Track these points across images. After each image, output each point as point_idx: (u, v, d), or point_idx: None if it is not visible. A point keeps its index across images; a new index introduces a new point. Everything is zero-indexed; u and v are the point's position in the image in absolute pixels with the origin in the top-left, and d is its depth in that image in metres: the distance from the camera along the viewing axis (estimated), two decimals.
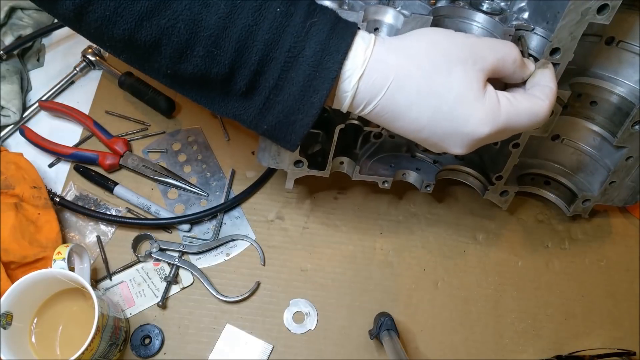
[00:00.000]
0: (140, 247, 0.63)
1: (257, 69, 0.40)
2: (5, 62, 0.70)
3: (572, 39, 0.46)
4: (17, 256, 0.55)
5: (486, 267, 0.65)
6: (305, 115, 0.41)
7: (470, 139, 0.42)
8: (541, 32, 0.47)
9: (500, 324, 0.62)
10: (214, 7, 0.38)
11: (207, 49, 0.39)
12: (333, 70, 0.40)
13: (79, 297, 0.54)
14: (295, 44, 0.39)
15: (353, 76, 0.40)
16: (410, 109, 0.41)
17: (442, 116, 0.41)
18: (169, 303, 0.60)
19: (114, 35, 0.39)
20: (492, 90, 0.42)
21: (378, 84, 0.41)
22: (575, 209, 0.64)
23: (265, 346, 0.58)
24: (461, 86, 0.40)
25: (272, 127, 0.43)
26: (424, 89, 0.40)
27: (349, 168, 0.59)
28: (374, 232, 0.66)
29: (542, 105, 0.43)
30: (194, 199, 0.66)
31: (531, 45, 0.48)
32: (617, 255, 0.67)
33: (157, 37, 0.39)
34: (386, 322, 0.56)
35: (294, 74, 0.40)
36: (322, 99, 0.40)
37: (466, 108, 0.41)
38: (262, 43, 0.39)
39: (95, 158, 0.65)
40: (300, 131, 0.42)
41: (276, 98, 0.41)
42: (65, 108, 0.69)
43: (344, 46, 0.40)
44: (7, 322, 0.49)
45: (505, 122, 0.42)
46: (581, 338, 0.62)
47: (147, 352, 0.57)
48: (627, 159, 0.58)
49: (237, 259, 0.63)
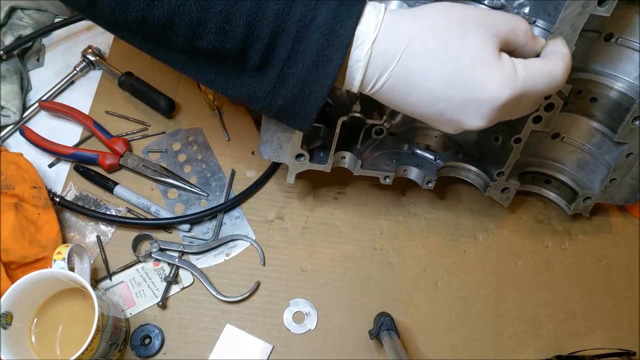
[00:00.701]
0: (140, 247, 0.63)
1: (269, 42, 0.40)
2: (5, 62, 0.70)
3: (573, 30, 0.46)
4: (17, 256, 0.55)
5: (486, 267, 0.65)
6: (320, 86, 0.41)
7: (489, 107, 0.41)
8: (542, 24, 0.47)
9: (500, 324, 0.62)
10: None
11: (219, 25, 0.39)
12: (346, 37, 0.39)
13: (79, 297, 0.53)
14: (307, 13, 0.39)
15: (366, 42, 0.40)
16: (425, 78, 0.40)
17: (459, 83, 0.40)
18: (169, 303, 0.60)
19: (128, 18, 0.40)
20: (507, 56, 0.41)
21: (391, 50, 0.40)
22: (576, 208, 0.64)
23: (265, 346, 0.58)
24: (477, 50, 0.39)
25: (286, 101, 0.42)
26: (439, 54, 0.39)
27: (351, 163, 0.59)
28: (374, 232, 0.66)
29: (558, 67, 0.42)
30: (194, 199, 0.66)
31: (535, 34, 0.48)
32: (617, 255, 0.67)
33: (170, 15, 0.39)
34: (386, 322, 0.56)
35: (306, 44, 0.40)
36: (336, 68, 0.40)
37: (483, 73, 0.39)
38: (272, 15, 0.39)
39: (95, 158, 0.65)
40: (316, 104, 0.42)
41: (290, 70, 0.41)
42: (65, 108, 0.69)
43: (355, 12, 0.39)
44: (7, 322, 0.49)
45: (523, 86, 0.40)
46: (581, 338, 0.62)
47: (147, 352, 0.57)
48: (628, 156, 0.58)
49: (237, 259, 0.63)
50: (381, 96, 0.43)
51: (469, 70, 0.39)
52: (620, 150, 0.58)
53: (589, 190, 0.62)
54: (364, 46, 0.40)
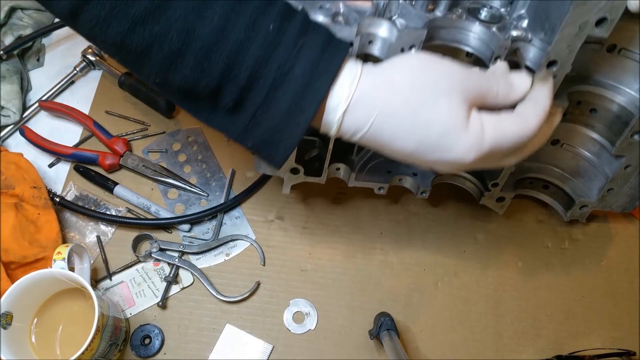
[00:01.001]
0: (140, 247, 0.63)
1: (245, 85, 0.40)
2: (5, 62, 0.70)
3: (569, 51, 0.45)
4: (17, 256, 0.55)
5: (486, 267, 0.65)
6: (290, 135, 0.41)
7: (456, 165, 0.43)
8: (539, 43, 0.46)
9: (500, 324, 0.62)
10: (208, 20, 0.38)
11: (197, 60, 0.39)
12: (321, 91, 0.40)
13: (79, 297, 0.53)
14: (286, 63, 0.39)
15: (338, 109, 0.41)
16: (395, 141, 0.42)
17: (427, 147, 0.42)
18: (169, 303, 0.60)
19: (107, 38, 0.40)
20: (477, 117, 0.42)
21: (363, 118, 0.41)
22: (572, 214, 0.64)
23: (265, 346, 0.58)
24: (445, 119, 0.41)
25: (257, 144, 0.43)
26: (408, 123, 0.41)
27: (345, 174, 0.60)
28: (374, 232, 0.66)
29: (529, 127, 0.43)
30: (194, 199, 0.66)
31: (528, 56, 0.47)
32: (617, 255, 0.67)
33: (149, 43, 0.39)
34: (386, 322, 0.56)
35: (281, 92, 0.40)
36: (307, 120, 0.40)
37: (451, 139, 0.41)
38: (252, 59, 0.39)
39: (95, 158, 0.65)
40: (285, 151, 0.42)
41: (262, 116, 0.41)
42: (65, 108, 0.69)
43: (333, 68, 0.40)
44: (7, 322, 0.49)
45: (491, 148, 0.42)
46: (581, 338, 0.62)
47: (147, 352, 0.57)
48: (626, 168, 0.57)
49: (237, 259, 0.63)
50: (359, 144, 0.44)
51: (437, 137, 0.41)
52: (619, 162, 0.57)
53: (586, 198, 0.62)
54: (336, 111, 0.41)
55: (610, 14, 0.42)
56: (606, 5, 0.42)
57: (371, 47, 0.47)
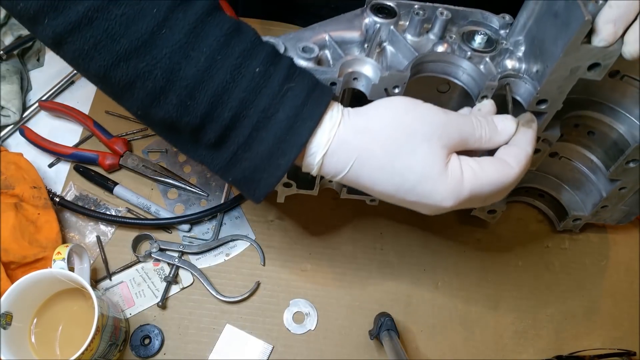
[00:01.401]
0: (140, 247, 0.63)
1: (229, 124, 0.40)
2: (5, 62, 0.70)
3: (560, 92, 0.45)
4: (17, 256, 0.55)
5: (486, 267, 0.65)
6: (270, 175, 0.42)
7: (435, 210, 0.43)
8: (530, 80, 0.46)
9: (500, 324, 0.62)
10: (194, 60, 0.39)
11: (181, 98, 0.39)
12: (303, 136, 0.40)
13: (78, 297, 0.53)
14: (270, 106, 0.40)
15: (318, 153, 0.41)
16: (375, 184, 0.42)
17: (406, 192, 0.42)
18: (168, 303, 0.60)
19: (89, 69, 0.40)
20: (456, 163, 0.42)
21: (342, 162, 0.42)
22: (565, 225, 0.64)
23: (265, 346, 0.58)
24: (424, 165, 0.41)
25: (237, 180, 0.43)
26: (387, 168, 0.41)
27: (338, 186, 0.61)
28: (374, 232, 0.66)
29: (509, 174, 0.43)
30: (193, 199, 0.66)
31: (519, 92, 0.47)
32: (617, 255, 0.67)
33: (132, 79, 0.39)
34: (386, 322, 0.56)
35: (264, 134, 0.40)
36: (288, 163, 0.41)
37: (429, 185, 0.41)
38: (237, 100, 0.39)
39: (95, 158, 0.65)
40: (264, 190, 0.43)
41: (244, 154, 0.41)
42: (65, 108, 0.69)
43: (316, 114, 0.40)
44: (7, 322, 0.49)
45: (469, 196, 0.42)
46: (581, 338, 0.62)
47: (147, 353, 0.57)
48: (621, 189, 0.57)
49: (237, 259, 0.63)
50: (341, 183, 0.45)
51: (415, 183, 0.41)
52: (614, 183, 0.57)
53: (580, 211, 0.62)
54: (316, 156, 0.42)
55: (603, 60, 0.42)
56: (600, 52, 0.41)
57: (356, 83, 0.47)
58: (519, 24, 0.47)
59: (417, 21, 0.48)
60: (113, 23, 0.37)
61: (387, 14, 0.49)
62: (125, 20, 0.37)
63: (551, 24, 0.42)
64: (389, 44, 0.49)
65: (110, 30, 0.37)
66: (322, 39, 0.48)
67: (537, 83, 0.45)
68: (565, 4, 0.40)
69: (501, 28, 0.49)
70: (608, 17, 0.39)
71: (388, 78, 0.45)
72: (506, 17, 0.49)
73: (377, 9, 0.49)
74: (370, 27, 0.49)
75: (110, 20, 0.37)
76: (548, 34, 0.43)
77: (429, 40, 0.49)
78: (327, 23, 0.49)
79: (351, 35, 0.49)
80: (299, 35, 0.48)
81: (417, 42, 0.49)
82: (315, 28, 0.49)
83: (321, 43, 0.48)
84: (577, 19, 0.39)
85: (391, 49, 0.49)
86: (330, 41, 0.48)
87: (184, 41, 0.38)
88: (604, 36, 0.39)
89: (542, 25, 0.44)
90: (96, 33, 0.37)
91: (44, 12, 0.37)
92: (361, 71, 0.46)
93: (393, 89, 0.46)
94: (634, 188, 0.57)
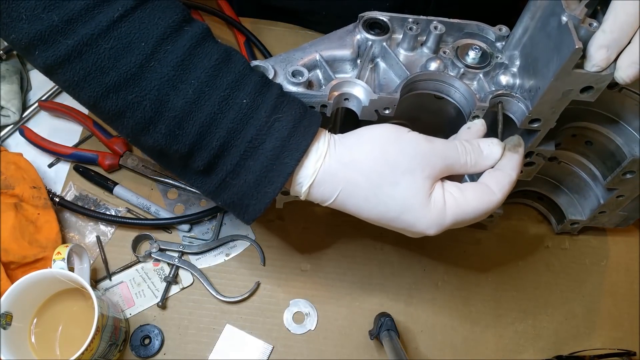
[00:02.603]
0: (140, 247, 0.63)
1: (217, 153, 0.41)
2: (5, 62, 0.70)
3: (552, 112, 0.45)
4: (16, 256, 0.55)
5: (486, 267, 0.65)
6: (258, 202, 0.43)
7: (420, 235, 0.44)
8: (522, 100, 0.45)
9: (500, 324, 0.62)
10: (182, 92, 0.39)
11: (170, 128, 0.40)
12: (290, 165, 0.41)
13: (78, 297, 0.53)
14: (257, 136, 0.41)
15: (304, 183, 0.43)
16: (360, 212, 0.44)
17: (390, 220, 0.43)
18: (168, 303, 0.60)
19: (80, 98, 0.41)
20: (439, 192, 0.42)
21: (328, 192, 0.43)
22: (563, 228, 0.64)
23: (265, 346, 0.58)
24: (406, 197, 0.42)
25: (226, 204, 0.44)
26: (371, 198, 0.42)
27: None
28: (374, 232, 0.65)
29: (491, 201, 0.43)
30: (193, 199, 0.66)
31: (511, 109, 0.47)
32: (617, 255, 0.67)
33: (122, 109, 0.40)
34: (386, 322, 0.56)
35: (251, 162, 0.41)
36: (275, 191, 0.42)
37: (411, 215, 0.42)
38: (225, 130, 0.40)
39: (95, 158, 0.65)
40: (253, 215, 0.44)
41: (232, 181, 0.42)
42: (65, 108, 0.68)
43: (303, 145, 0.41)
44: (6, 322, 0.49)
45: (452, 223, 0.43)
46: (581, 338, 0.62)
47: (147, 353, 0.57)
48: (618, 197, 0.57)
49: (237, 259, 0.63)
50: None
51: (398, 214, 0.42)
52: (612, 191, 0.57)
53: (578, 215, 0.62)
54: (302, 185, 0.43)
55: (596, 84, 0.41)
56: (592, 77, 0.40)
57: (347, 102, 0.47)
58: (514, 38, 0.47)
59: (410, 36, 0.48)
60: (102, 57, 0.38)
61: (380, 28, 0.49)
62: (114, 54, 0.38)
63: (544, 45, 0.42)
64: (381, 59, 0.49)
65: (100, 64, 0.38)
66: (312, 59, 0.48)
67: (530, 103, 0.44)
68: (558, 27, 0.39)
69: (497, 40, 0.49)
70: (601, 42, 0.38)
71: (378, 101, 0.45)
72: (503, 29, 0.49)
73: (369, 25, 0.49)
74: (363, 44, 0.49)
75: (99, 54, 0.38)
76: (541, 54, 0.43)
77: (422, 55, 0.49)
78: (318, 42, 0.49)
79: (342, 53, 0.49)
80: (289, 56, 0.48)
81: (411, 57, 0.49)
82: (305, 48, 0.49)
83: (312, 63, 0.48)
84: (568, 46, 0.38)
85: (384, 65, 0.49)
86: (321, 61, 0.48)
87: (172, 74, 0.39)
88: (597, 62, 0.39)
89: (536, 43, 0.44)
90: (86, 66, 0.38)
91: (34, 45, 0.38)
92: (352, 92, 0.46)
93: (384, 110, 0.46)
94: (632, 196, 0.57)
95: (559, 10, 0.39)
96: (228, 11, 0.76)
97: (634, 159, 0.51)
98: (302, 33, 0.77)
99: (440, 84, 0.48)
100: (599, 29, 0.38)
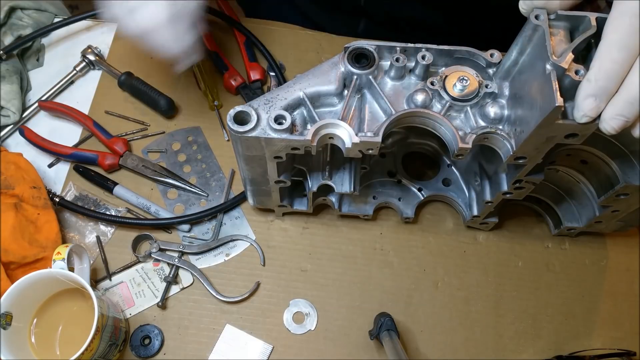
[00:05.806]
0: (140, 247, 0.63)
1: None
2: (5, 62, 0.70)
3: (537, 152, 0.44)
4: (16, 256, 0.55)
5: (486, 267, 0.65)
6: None
7: None
8: (507, 137, 0.45)
9: (500, 324, 0.62)
10: None
11: None
12: None
13: (78, 298, 0.53)
14: None
15: None
16: None
17: None
18: (168, 303, 0.60)
19: None
20: None
21: None
22: (560, 233, 0.64)
23: (265, 346, 0.58)
24: None
25: None
26: None
27: (332, 202, 0.62)
28: (374, 232, 0.66)
29: None
30: (193, 199, 0.66)
31: (498, 145, 0.47)
32: (617, 255, 0.67)
33: None
34: (386, 322, 0.56)
35: None
36: None
37: None
38: None
39: (95, 158, 0.65)
40: None
41: None
42: (64, 108, 0.68)
43: None
44: (6, 322, 0.49)
45: None
46: (581, 338, 0.62)
47: (147, 353, 0.57)
48: (613, 212, 0.57)
49: (237, 259, 0.63)
50: None
51: None
52: (607, 207, 0.57)
53: (575, 222, 0.62)
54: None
55: (580, 132, 0.41)
56: (576, 127, 0.40)
57: (332, 141, 0.48)
58: (504, 68, 0.46)
59: (396, 67, 0.48)
60: None
61: (366, 59, 0.48)
62: None
63: (531, 85, 0.41)
64: (368, 90, 0.49)
65: None
66: (297, 98, 0.48)
67: (514, 142, 0.44)
68: (542, 77, 0.39)
69: (488, 66, 0.48)
70: (588, 92, 0.37)
71: (361, 145, 0.45)
72: (494, 55, 0.47)
73: (355, 57, 0.48)
74: (348, 77, 0.49)
75: None
76: (526, 95, 0.42)
77: (410, 84, 0.49)
78: (301, 78, 0.49)
79: (327, 88, 0.48)
80: (272, 97, 0.48)
81: (398, 86, 0.49)
82: (289, 86, 0.48)
83: (296, 102, 0.48)
84: (550, 101, 0.37)
85: (370, 98, 0.49)
86: (305, 100, 0.48)
87: None
88: (586, 112, 0.38)
89: (523, 82, 0.43)
90: None
91: None
92: (336, 133, 0.46)
93: (367, 151, 0.46)
94: (628, 210, 0.57)
95: (544, 56, 0.39)
96: (228, 11, 0.76)
97: (627, 185, 0.50)
98: (302, 33, 0.77)
99: (426, 120, 0.48)
100: (584, 78, 0.37)
